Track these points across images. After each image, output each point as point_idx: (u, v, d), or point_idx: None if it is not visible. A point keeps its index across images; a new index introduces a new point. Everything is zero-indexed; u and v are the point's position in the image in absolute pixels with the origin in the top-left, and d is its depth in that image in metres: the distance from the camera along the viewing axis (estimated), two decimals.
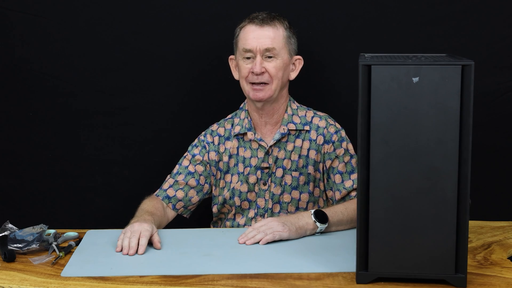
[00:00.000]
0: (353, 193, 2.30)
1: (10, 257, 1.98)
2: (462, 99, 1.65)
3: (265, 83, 2.26)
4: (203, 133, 2.43)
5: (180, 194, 2.35)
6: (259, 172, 2.34)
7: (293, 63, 2.34)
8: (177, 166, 2.40)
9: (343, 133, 2.36)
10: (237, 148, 2.37)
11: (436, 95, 1.65)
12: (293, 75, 2.35)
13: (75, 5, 2.67)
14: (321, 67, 2.69)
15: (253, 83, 2.27)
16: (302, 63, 2.36)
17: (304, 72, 2.38)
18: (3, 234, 2.08)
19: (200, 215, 2.58)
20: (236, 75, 2.37)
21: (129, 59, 2.70)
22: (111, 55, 2.70)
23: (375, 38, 2.65)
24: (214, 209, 2.42)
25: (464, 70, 1.64)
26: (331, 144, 2.33)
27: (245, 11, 2.57)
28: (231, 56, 2.37)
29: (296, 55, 2.35)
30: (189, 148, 2.42)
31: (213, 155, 2.38)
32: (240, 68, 2.29)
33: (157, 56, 2.70)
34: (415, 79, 1.65)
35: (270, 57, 2.26)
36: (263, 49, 2.25)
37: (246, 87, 2.30)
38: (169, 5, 2.66)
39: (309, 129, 2.34)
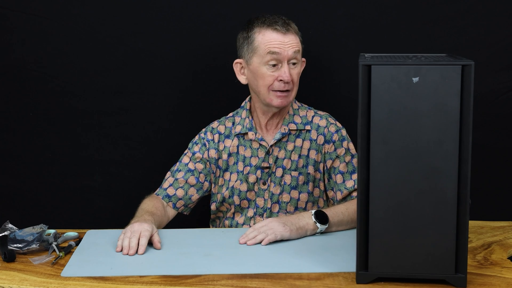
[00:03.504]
0: (355, 193, 2.30)
1: (10, 257, 1.98)
2: (462, 99, 1.65)
3: (288, 90, 2.26)
4: (203, 130, 2.43)
5: (180, 192, 2.35)
6: (259, 172, 2.34)
7: None
8: (177, 163, 2.40)
9: (344, 132, 2.36)
10: (237, 146, 2.37)
11: (436, 95, 1.65)
12: None
13: (75, 5, 2.67)
14: (321, 67, 2.69)
15: (276, 91, 2.25)
16: (304, 65, 2.36)
17: (304, 72, 2.38)
18: (3, 234, 2.08)
19: (199, 214, 2.58)
20: (242, 79, 2.34)
21: (129, 59, 2.70)
22: (111, 55, 2.70)
23: (375, 38, 2.65)
24: (213, 206, 2.42)
25: (464, 70, 1.64)
26: (331, 143, 2.33)
27: (245, 12, 2.57)
28: (237, 60, 2.32)
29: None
30: (190, 145, 2.42)
31: (213, 153, 2.38)
32: (264, 76, 2.24)
33: (157, 56, 2.70)
34: (415, 79, 1.65)
35: (294, 63, 2.25)
36: (290, 57, 2.23)
37: (267, 94, 2.26)
38: (169, 6, 2.67)
39: (310, 128, 2.34)
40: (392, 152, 1.68)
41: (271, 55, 2.22)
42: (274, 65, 2.23)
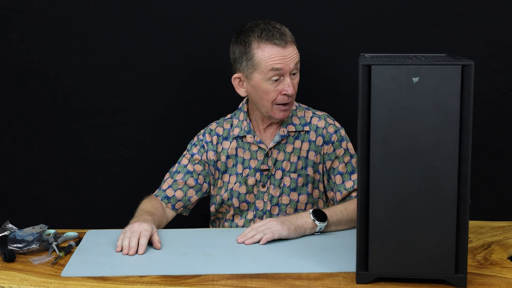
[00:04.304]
0: (354, 194, 2.30)
1: (10, 257, 1.98)
2: (462, 99, 1.65)
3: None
4: (202, 131, 2.42)
5: (179, 194, 2.35)
6: (258, 174, 2.33)
7: None
8: (176, 165, 2.40)
9: (342, 132, 2.35)
10: (236, 149, 2.36)
11: (436, 95, 1.65)
12: None
13: (75, 5, 2.67)
14: (321, 67, 2.69)
15: (280, 104, 2.24)
16: None
17: (304, 72, 2.38)
18: (3, 234, 2.08)
19: (199, 215, 2.58)
20: (242, 92, 2.30)
21: (129, 59, 2.71)
22: (111, 55, 2.70)
23: (375, 38, 2.65)
24: (212, 208, 2.41)
25: (464, 70, 1.64)
26: (330, 144, 2.33)
27: (244, 12, 2.58)
28: (235, 76, 2.28)
29: None
30: (188, 146, 2.42)
31: (211, 155, 2.37)
32: (267, 91, 2.22)
33: (156, 56, 2.70)
34: (415, 79, 1.65)
35: (293, 74, 2.24)
36: (292, 69, 2.21)
37: (270, 108, 2.24)
38: (169, 6, 2.66)
39: (308, 130, 2.34)
40: (392, 152, 1.68)
41: (274, 71, 2.20)
42: (276, 80, 2.21)
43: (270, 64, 2.19)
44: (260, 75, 2.21)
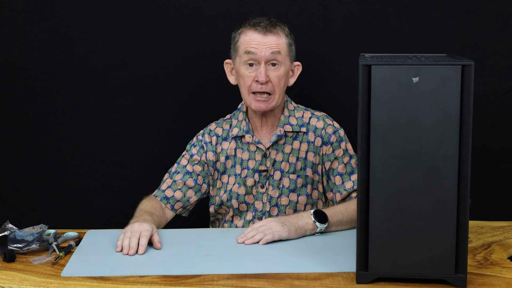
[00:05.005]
0: (354, 194, 2.29)
1: (10, 257, 1.98)
2: (462, 99, 1.65)
3: (268, 94, 2.24)
4: (201, 132, 2.42)
5: (178, 194, 2.35)
6: (256, 175, 2.33)
7: (292, 69, 2.33)
8: (175, 165, 2.40)
9: (341, 132, 2.35)
10: (235, 149, 2.36)
11: (436, 95, 1.65)
12: (291, 81, 2.34)
13: (75, 5, 2.67)
14: (321, 67, 2.69)
15: (255, 93, 2.25)
16: (301, 69, 2.34)
17: (304, 72, 2.38)
18: (3, 234, 2.08)
19: (199, 215, 2.58)
20: (232, 80, 2.34)
21: (129, 59, 2.71)
22: (111, 55, 2.70)
23: (375, 38, 2.65)
24: (211, 209, 2.41)
25: (464, 70, 1.64)
26: (329, 145, 2.32)
27: (245, 12, 2.57)
28: (227, 60, 2.33)
29: (295, 61, 2.33)
30: (188, 147, 2.42)
31: (210, 155, 2.37)
32: (243, 76, 2.25)
33: (156, 56, 2.70)
34: (415, 79, 1.65)
35: (274, 65, 2.23)
36: (268, 58, 2.22)
37: (247, 97, 2.26)
38: (169, 6, 2.67)
39: (306, 130, 2.33)
40: (392, 152, 1.68)
41: (248, 54, 2.22)
42: (251, 65, 2.23)
43: (246, 47, 2.22)
44: (239, 58, 2.26)
